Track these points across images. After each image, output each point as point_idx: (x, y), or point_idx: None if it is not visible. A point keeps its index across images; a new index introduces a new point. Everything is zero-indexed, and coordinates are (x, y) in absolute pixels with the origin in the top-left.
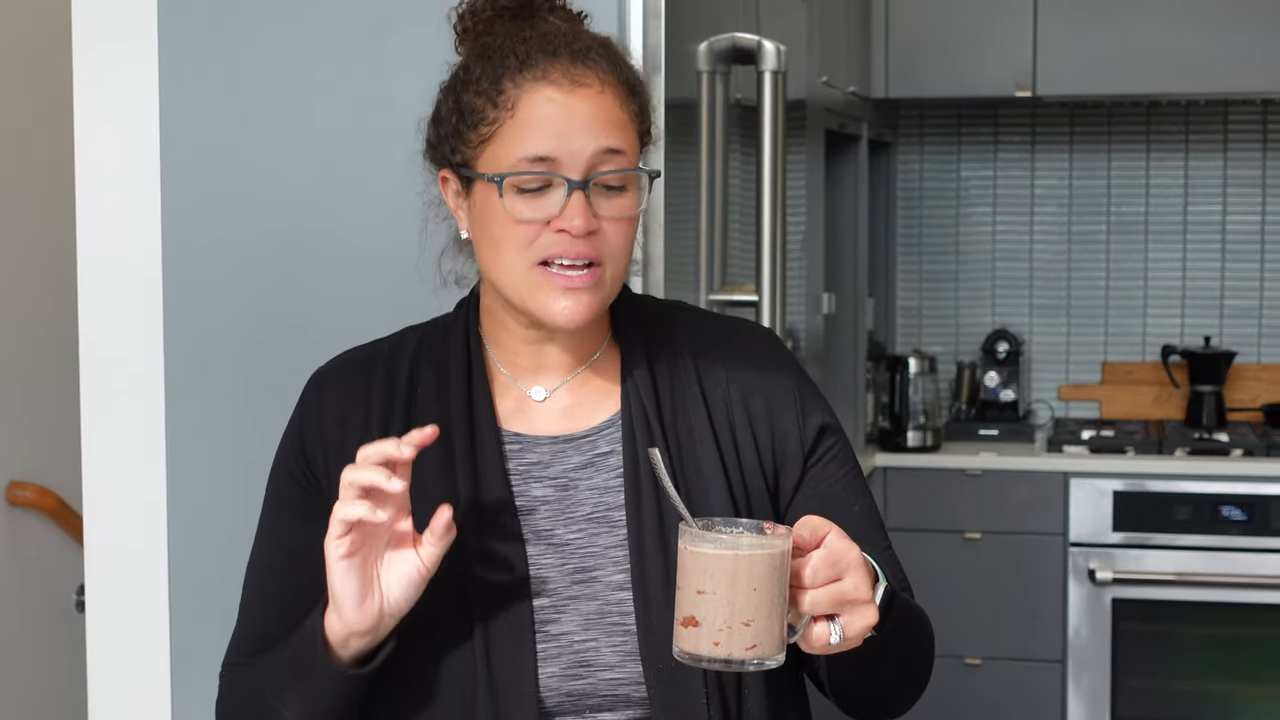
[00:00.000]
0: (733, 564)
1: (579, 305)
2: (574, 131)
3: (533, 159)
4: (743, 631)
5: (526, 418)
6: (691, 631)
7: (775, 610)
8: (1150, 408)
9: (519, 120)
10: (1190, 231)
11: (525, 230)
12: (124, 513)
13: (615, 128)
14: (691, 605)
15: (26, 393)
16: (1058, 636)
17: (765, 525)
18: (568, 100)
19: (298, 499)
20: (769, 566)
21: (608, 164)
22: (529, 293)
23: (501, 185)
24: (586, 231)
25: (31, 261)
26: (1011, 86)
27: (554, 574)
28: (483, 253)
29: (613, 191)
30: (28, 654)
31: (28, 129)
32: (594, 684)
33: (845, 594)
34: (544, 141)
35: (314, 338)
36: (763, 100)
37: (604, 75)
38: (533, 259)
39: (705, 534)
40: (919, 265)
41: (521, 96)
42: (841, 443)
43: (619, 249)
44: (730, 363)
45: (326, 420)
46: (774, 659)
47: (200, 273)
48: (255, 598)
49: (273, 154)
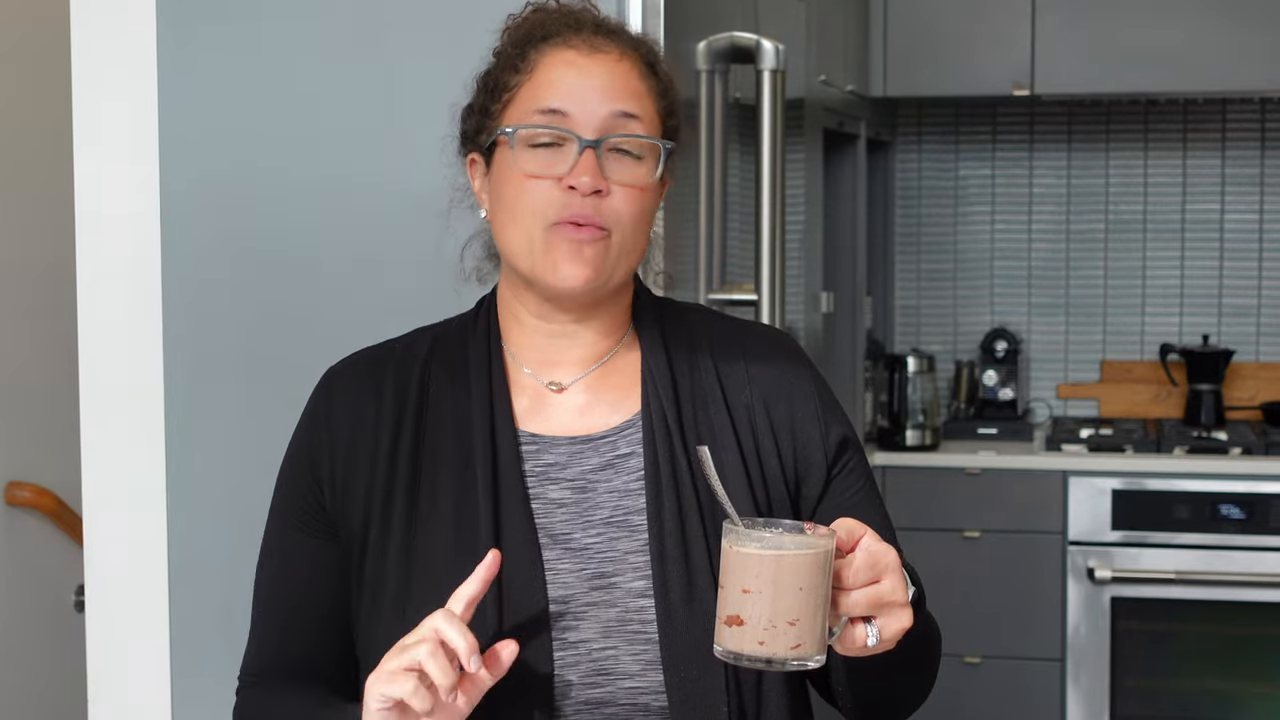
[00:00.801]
0: (778, 564)
1: (584, 264)
2: (589, 92)
3: (546, 111)
4: (787, 630)
5: (543, 416)
6: (736, 630)
7: (819, 610)
8: (1149, 406)
9: (536, 80)
10: (1188, 230)
11: (536, 187)
12: (124, 513)
13: (631, 94)
14: (736, 604)
15: (24, 392)
16: (1057, 635)
17: (806, 526)
18: (585, 63)
19: (299, 506)
20: (814, 566)
21: (622, 129)
22: (539, 256)
23: (514, 138)
24: (593, 190)
25: (29, 260)
26: (1009, 85)
27: (572, 579)
28: (498, 222)
29: (626, 157)
30: (26, 654)
31: (25, 129)
32: (613, 693)
33: (883, 596)
34: (558, 97)
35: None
36: (762, 99)
37: (624, 48)
38: (543, 221)
39: (751, 533)
40: (917, 264)
41: (541, 59)
42: (859, 455)
43: (628, 219)
44: (751, 367)
45: (336, 425)
46: (816, 658)
47: (199, 273)
48: (260, 611)
49: (273, 153)
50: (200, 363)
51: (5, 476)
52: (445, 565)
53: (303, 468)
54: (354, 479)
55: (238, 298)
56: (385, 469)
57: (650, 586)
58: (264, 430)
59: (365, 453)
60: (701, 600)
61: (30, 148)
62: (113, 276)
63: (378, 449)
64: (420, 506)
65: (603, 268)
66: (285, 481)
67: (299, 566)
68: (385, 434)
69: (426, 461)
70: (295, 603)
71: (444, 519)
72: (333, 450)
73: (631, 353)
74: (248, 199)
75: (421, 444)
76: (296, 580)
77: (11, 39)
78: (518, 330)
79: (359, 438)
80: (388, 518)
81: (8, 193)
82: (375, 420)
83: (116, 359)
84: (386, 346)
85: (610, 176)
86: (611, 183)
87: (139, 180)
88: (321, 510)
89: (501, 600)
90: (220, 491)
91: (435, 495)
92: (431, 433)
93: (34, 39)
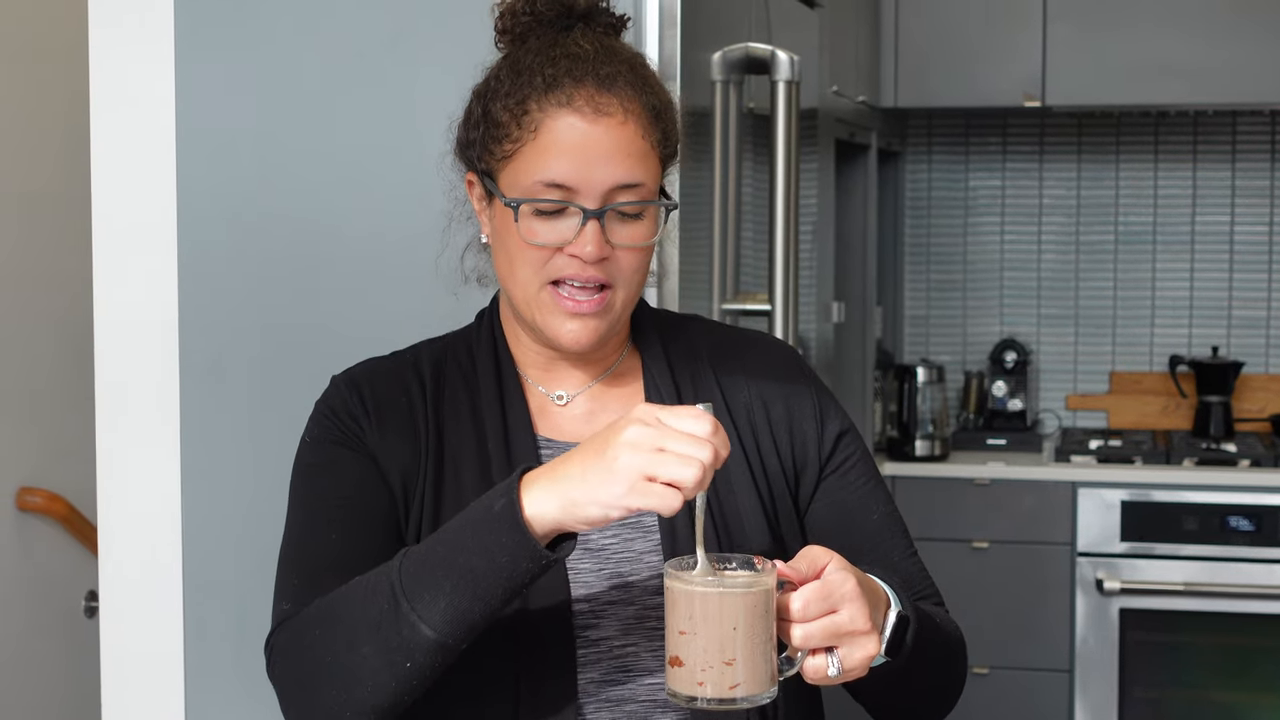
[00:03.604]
0: (707, 603)
1: (586, 329)
2: (593, 162)
3: (549, 184)
4: (724, 670)
5: (552, 424)
6: (677, 671)
7: (758, 648)
8: (1158, 418)
9: (540, 144)
10: (1198, 242)
11: (539, 253)
12: (138, 518)
13: (636, 160)
14: (675, 645)
15: (36, 398)
16: (1065, 646)
17: (755, 560)
18: (590, 129)
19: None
20: (748, 605)
21: (625, 196)
22: (539, 311)
23: (517, 210)
24: (599, 259)
25: (44, 265)
26: (1020, 96)
27: (592, 578)
28: (499, 264)
29: (628, 219)
30: (37, 659)
31: (42, 135)
32: (633, 689)
33: (841, 626)
34: (562, 169)
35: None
36: (776, 110)
37: (629, 104)
38: (544, 279)
39: (682, 573)
40: (927, 274)
41: (544, 120)
42: (860, 450)
43: (630, 273)
44: (750, 372)
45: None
46: (765, 695)
47: (216, 278)
48: (296, 556)
49: (289, 160)
50: (216, 368)
51: (17, 482)
52: None
53: (337, 425)
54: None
55: (254, 304)
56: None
57: None
58: (279, 435)
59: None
60: None
61: (45, 155)
62: (129, 282)
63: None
64: (444, 506)
65: (606, 324)
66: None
67: (346, 474)
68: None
69: (448, 463)
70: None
71: None
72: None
73: (633, 362)
74: (265, 206)
75: (443, 444)
76: (344, 484)
77: (29, 46)
78: (519, 345)
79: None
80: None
81: (23, 199)
82: (404, 415)
83: (132, 364)
84: (394, 356)
85: (613, 240)
86: (615, 246)
87: (156, 187)
88: (362, 445)
89: (525, 598)
90: (235, 497)
91: (459, 496)
92: (450, 436)
93: (51, 46)
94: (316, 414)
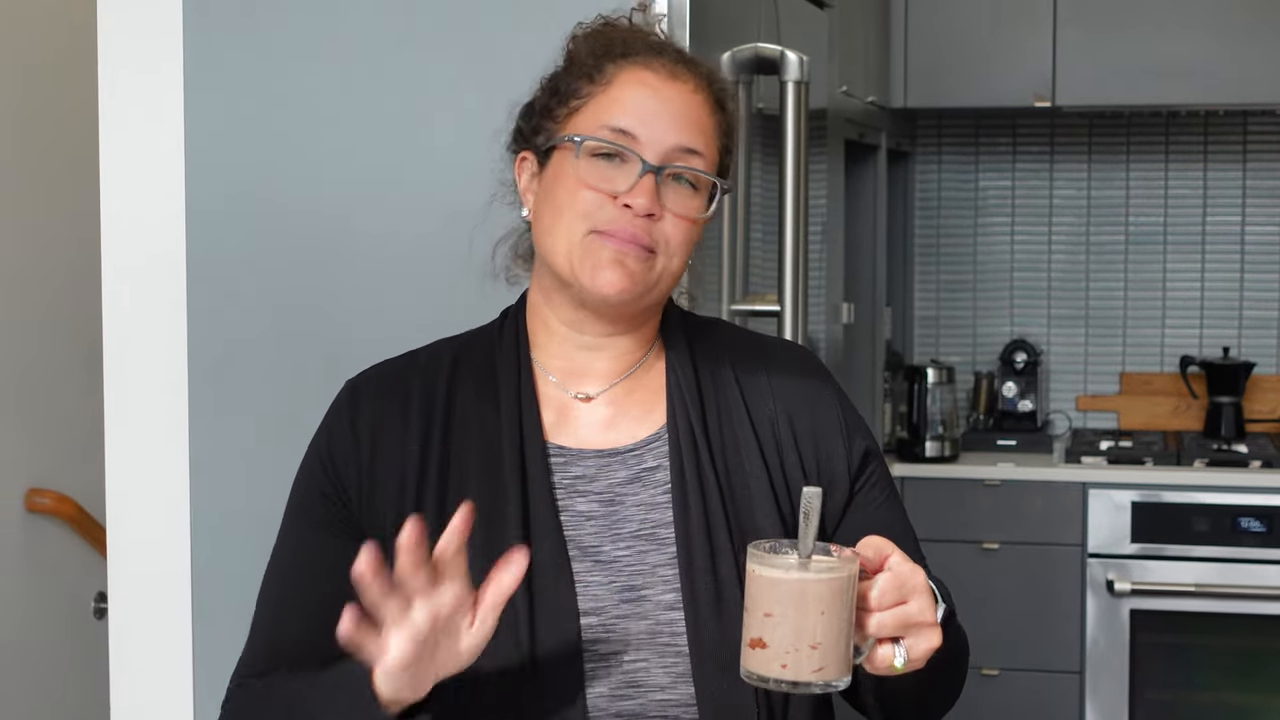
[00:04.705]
0: (800, 588)
1: (624, 273)
2: (660, 118)
3: (616, 129)
4: (810, 654)
5: (570, 429)
6: (759, 653)
7: (842, 633)
8: (1168, 418)
9: (610, 94)
10: (1209, 242)
11: (591, 197)
12: (147, 520)
13: (699, 130)
14: (759, 627)
15: (45, 399)
16: (1075, 647)
17: (832, 548)
18: (661, 87)
19: (322, 511)
20: (836, 590)
21: (685, 160)
22: (580, 258)
23: (580, 147)
24: (648, 213)
25: (52, 267)
26: (1030, 96)
27: (602, 592)
28: (542, 222)
29: (683, 186)
30: (46, 660)
31: (52, 137)
32: (644, 705)
33: (911, 617)
34: (630, 118)
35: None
36: (786, 110)
37: (701, 81)
38: (590, 224)
39: (772, 556)
40: (937, 275)
41: (619, 74)
42: (882, 467)
43: (675, 244)
44: (774, 380)
45: (360, 433)
46: (841, 681)
47: (224, 278)
48: (270, 612)
49: (296, 157)
50: (225, 368)
51: (26, 483)
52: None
53: (327, 474)
54: (382, 486)
55: (263, 303)
56: (415, 478)
57: (679, 599)
58: (289, 437)
59: (394, 460)
60: (730, 613)
61: (53, 153)
62: (138, 282)
63: (406, 458)
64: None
65: (641, 281)
66: (305, 487)
67: (321, 564)
68: (413, 442)
69: (454, 472)
70: (306, 600)
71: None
72: (359, 457)
73: (657, 365)
74: (272, 203)
75: (449, 455)
76: (316, 576)
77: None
78: (546, 338)
79: (387, 445)
80: None
81: (31, 198)
82: (403, 429)
83: (141, 364)
84: (409, 357)
85: (665, 203)
86: (665, 209)
87: (164, 184)
88: (347, 515)
89: (533, 613)
90: (244, 498)
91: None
92: (459, 444)
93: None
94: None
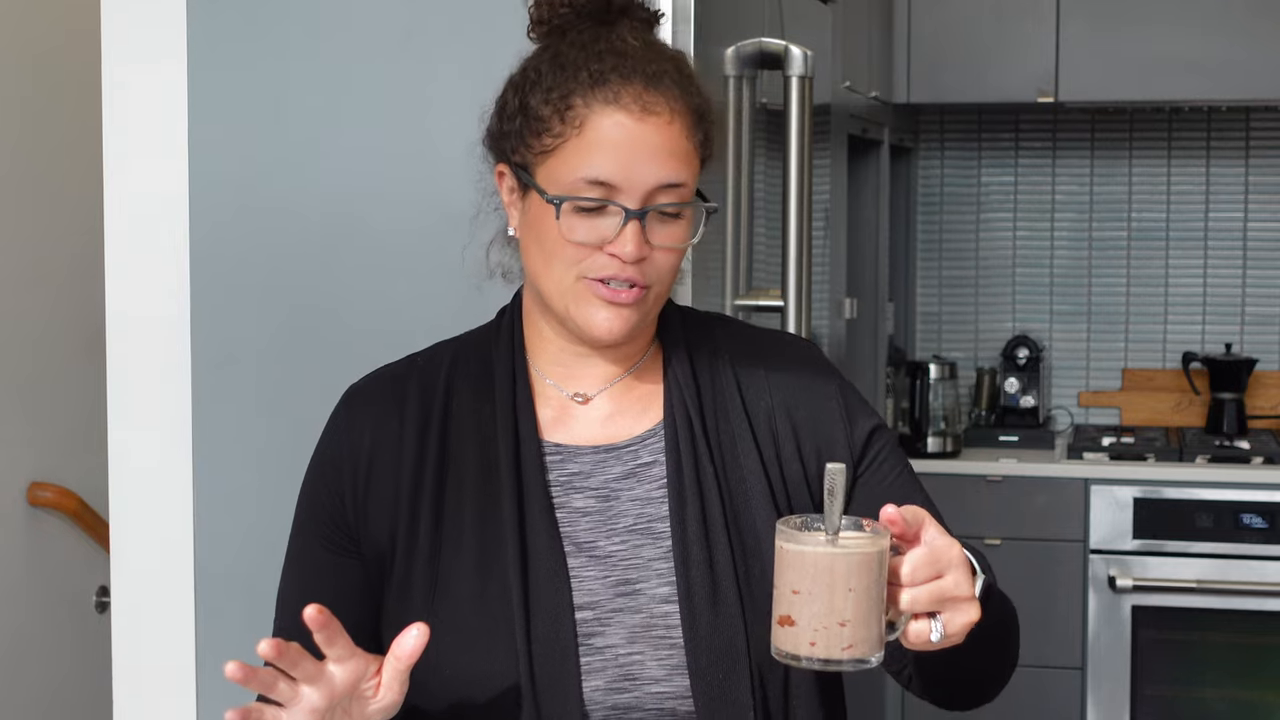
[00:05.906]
0: (829, 563)
1: (620, 319)
2: (638, 161)
3: (592, 181)
4: (839, 632)
5: (567, 427)
6: (788, 631)
7: (872, 610)
8: (1170, 414)
9: (585, 140)
10: (1211, 238)
11: (577, 250)
12: (149, 514)
13: (679, 160)
14: (788, 605)
15: (47, 394)
16: (1077, 643)
17: (864, 523)
18: (636, 127)
19: (324, 526)
20: (865, 567)
21: (666, 196)
22: (573, 303)
23: (559, 208)
24: (638, 259)
25: (55, 262)
26: (1033, 92)
27: (597, 586)
28: (530, 257)
29: (668, 219)
30: (48, 654)
31: (56, 132)
32: (640, 698)
33: (946, 591)
34: (607, 167)
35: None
36: (790, 105)
37: (675, 103)
38: (580, 273)
39: (800, 533)
40: (939, 271)
41: (590, 116)
42: (891, 443)
43: (666, 272)
44: (772, 374)
45: (358, 439)
46: (873, 658)
47: (227, 275)
48: (280, 612)
49: (300, 155)
50: (227, 363)
51: (28, 477)
52: (470, 576)
53: (326, 483)
54: (378, 493)
55: (266, 300)
56: (410, 482)
57: (675, 593)
58: (292, 432)
59: (389, 466)
60: (726, 606)
61: (57, 151)
62: (141, 279)
63: (402, 462)
64: (446, 518)
65: (636, 319)
66: (308, 497)
67: (322, 584)
68: (409, 447)
69: (451, 473)
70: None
71: (469, 530)
72: (355, 465)
73: (655, 361)
74: (276, 201)
75: (446, 456)
76: (307, 585)
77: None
78: (541, 344)
79: (383, 452)
80: (413, 530)
81: (34, 195)
82: (399, 434)
83: (143, 359)
84: (407, 361)
85: (653, 240)
86: (653, 246)
87: (168, 181)
88: (345, 526)
89: (528, 608)
90: (246, 492)
91: (461, 507)
92: (456, 445)
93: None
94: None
